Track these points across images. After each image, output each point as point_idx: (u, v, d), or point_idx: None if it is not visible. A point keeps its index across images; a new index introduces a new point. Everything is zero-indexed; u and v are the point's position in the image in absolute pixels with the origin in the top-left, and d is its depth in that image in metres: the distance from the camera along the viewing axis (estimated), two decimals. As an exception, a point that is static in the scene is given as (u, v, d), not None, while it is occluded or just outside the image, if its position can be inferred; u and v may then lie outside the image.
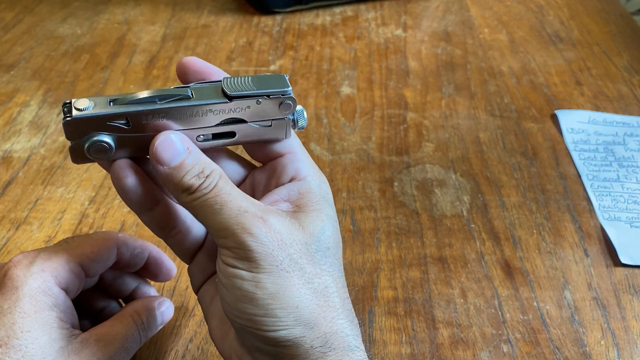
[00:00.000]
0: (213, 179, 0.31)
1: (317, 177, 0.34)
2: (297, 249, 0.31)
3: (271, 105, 0.33)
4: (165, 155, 0.31)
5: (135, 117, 0.31)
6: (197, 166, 0.31)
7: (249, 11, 0.86)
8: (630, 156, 0.61)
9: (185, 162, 0.31)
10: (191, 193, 0.30)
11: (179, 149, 0.31)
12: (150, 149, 0.31)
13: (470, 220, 0.54)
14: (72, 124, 0.30)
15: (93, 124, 0.31)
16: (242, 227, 0.30)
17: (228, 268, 0.30)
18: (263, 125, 0.33)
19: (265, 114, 0.33)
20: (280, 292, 0.30)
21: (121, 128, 0.31)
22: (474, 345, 0.44)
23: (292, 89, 0.33)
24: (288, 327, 0.30)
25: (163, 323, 0.41)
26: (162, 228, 0.35)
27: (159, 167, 0.31)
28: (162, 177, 0.31)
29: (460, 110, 0.67)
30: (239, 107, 0.32)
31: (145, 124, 0.31)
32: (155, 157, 0.31)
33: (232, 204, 0.30)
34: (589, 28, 0.83)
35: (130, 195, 0.33)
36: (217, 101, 0.32)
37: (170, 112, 0.31)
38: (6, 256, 0.49)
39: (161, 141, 0.31)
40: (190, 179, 0.30)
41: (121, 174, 0.32)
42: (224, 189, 0.31)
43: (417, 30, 0.82)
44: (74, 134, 0.31)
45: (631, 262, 0.50)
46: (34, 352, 0.32)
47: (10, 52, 0.76)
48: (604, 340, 0.44)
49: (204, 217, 0.31)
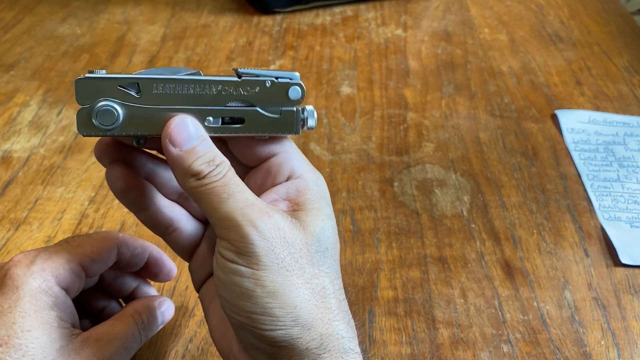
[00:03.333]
0: (223, 168, 0.31)
1: (313, 174, 0.34)
2: (298, 249, 0.30)
3: (280, 92, 0.33)
4: (180, 138, 0.31)
5: (146, 85, 0.32)
6: (209, 154, 0.31)
7: (249, 11, 0.86)
8: (631, 156, 0.61)
9: (197, 147, 0.31)
10: (199, 179, 0.30)
11: (193, 134, 0.31)
12: (165, 129, 0.31)
13: (471, 220, 0.54)
14: (84, 84, 0.31)
15: (104, 87, 0.31)
16: (248, 219, 0.30)
17: (227, 263, 0.30)
18: (272, 114, 0.33)
19: (274, 102, 0.33)
20: (279, 291, 0.29)
21: (131, 96, 0.32)
22: (474, 345, 0.44)
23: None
24: (286, 327, 0.29)
25: (163, 323, 0.41)
26: (158, 226, 0.36)
27: (170, 148, 0.31)
28: (172, 159, 0.31)
29: (460, 110, 0.67)
30: (248, 87, 0.33)
31: (156, 93, 0.32)
32: (169, 137, 0.31)
33: (240, 195, 0.30)
34: (589, 28, 0.83)
35: (123, 197, 0.34)
36: (227, 78, 0.32)
37: (181, 84, 0.32)
38: (6, 256, 0.49)
39: (177, 123, 0.31)
40: (201, 165, 0.30)
41: (114, 177, 0.34)
42: (232, 179, 0.31)
43: (417, 30, 0.82)
44: (84, 97, 0.31)
45: (631, 262, 0.50)
46: (34, 352, 0.32)
47: (10, 52, 0.76)
48: (604, 341, 0.44)
49: (209, 204, 0.31)
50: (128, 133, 0.32)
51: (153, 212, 0.35)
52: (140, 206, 0.35)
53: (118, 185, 0.34)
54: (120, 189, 0.34)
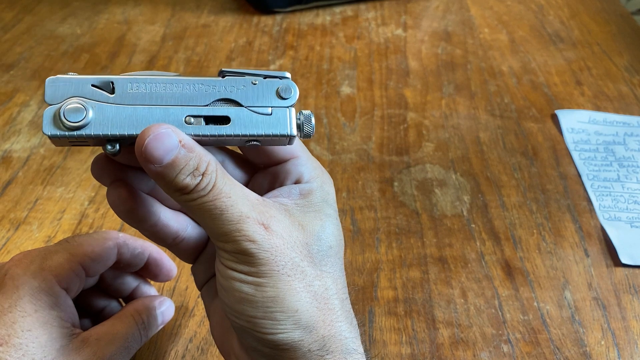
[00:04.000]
0: (210, 177, 0.28)
1: (320, 179, 0.33)
2: (298, 252, 0.30)
3: (268, 90, 0.30)
4: (156, 154, 0.27)
5: (121, 84, 0.29)
6: (192, 162, 0.28)
7: (249, 11, 0.86)
8: (631, 156, 0.61)
9: (177, 158, 0.28)
10: (186, 193, 0.28)
11: (170, 145, 0.28)
12: (138, 147, 0.28)
13: (471, 220, 0.54)
14: (54, 82, 0.29)
15: (75, 86, 0.29)
16: (244, 235, 0.29)
17: (227, 270, 0.30)
18: (261, 112, 0.30)
19: (263, 100, 0.30)
20: (280, 296, 0.29)
21: (104, 95, 0.29)
22: (474, 345, 0.44)
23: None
24: (287, 330, 0.29)
25: (164, 323, 0.41)
26: (164, 239, 0.34)
27: (149, 166, 0.28)
28: (152, 175, 0.28)
29: (460, 110, 0.67)
30: (232, 86, 0.30)
31: (131, 93, 0.29)
32: (145, 156, 0.28)
33: (233, 210, 0.29)
34: (589, 28, 0.83)
35: (128, 219, 0.33)
36: (209, 77, 0.30)
37: (158, 83, 0.30)
38: (6, 256, 0.49)
39: (151, 138, 0.27)
40: (185, 179, 0.28)
41: (116, 200, 0.32)
42: (222, 191, 0.29)
43: (417, 30, 0.82)
44: (53, 96, 0.29)
45: (631, 262, 0.50)
46: (34, 351, 0.32)
47: (10, 51, 0.76)
48: (604, 341, 0.44)
49: (202, 220, 0.30)
50: (98, 133, 0.29)
51: (159, 227, 0.34)
52: (145, 225, 0.33)
53: (121, 208, 0.32)
54: (123, 212, 0.32)
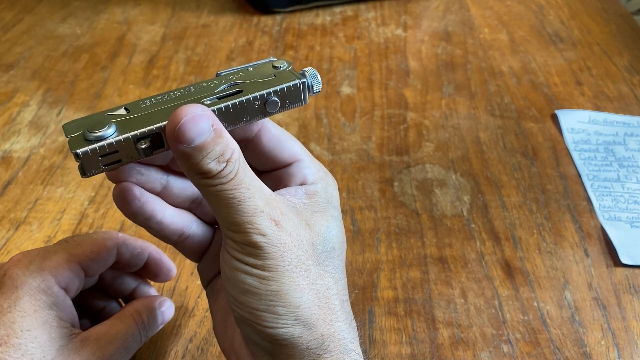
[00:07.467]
0: (233, 166, 0.29)
1: (324, 181, 0.34)
2: (304, 250, 0.31)
3: (265, 68, 0.33)
4: (189, 134, 0.28)
5: (134, 105, 0.31)
6: (219, 147, 0.28)
7: (249, 11, 0.86)
8: (631, 156, 0.61)
9: (207, 141, 0.28)
10: (208, 178, 0.29)
11: (203, 128, 0.28)
12: (171, 125, 0.28)
13: (471, 220, 0.53)
14: (72, 124, 0.30)
15: (92, 118, 0.31)
16: (256, 228, 0.29)
17: (233, 261, 0.30)
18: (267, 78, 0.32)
19: (262, 76, 0.32)
20: (283, 291, 0.30)
21: (121, 113, 0.31)
22: (474, 345, 0.44)
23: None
24: (287, 325, 0.30)
25: (163, 323, 0.41)
26: (169, 237, 0.34)
27: (177, 145, 0.28)
28: (179, 155, 0.29)
29: (460, 110, 0.67)
30: (232, 77, 0.32)
31: (143, 106, 0.31)
32: (177, 135, 0.28)
33: (250, 202, 0.29)
34: (589, 28, 0.82)
35: (134, 218, 0.33)
36: (208, 80, 0.32)
37: (166, 94, 0.32)
38: (6, 256, 0.49)
39: (188, 119, 0.28)
40: (209, 163, 0.28)
41: (122, 199, 0.32)
42: (243, 182, 0.29)
43: (417, 30, 0.82)
44: (74, 131, 0.30)
45: (631, 262, 0.50)
46: (33, 351, 0.32)
47: (9, 52, 0.76)
48: (604, 341, 0.44)
49: (217, 207, 0.30)
50: (127, 136, 0.29)
51: (165, 225, 0.33)
52: (151, 222, 0.33)
53: (128, 208, 0.32)
54: (130, 212, 0.32)
